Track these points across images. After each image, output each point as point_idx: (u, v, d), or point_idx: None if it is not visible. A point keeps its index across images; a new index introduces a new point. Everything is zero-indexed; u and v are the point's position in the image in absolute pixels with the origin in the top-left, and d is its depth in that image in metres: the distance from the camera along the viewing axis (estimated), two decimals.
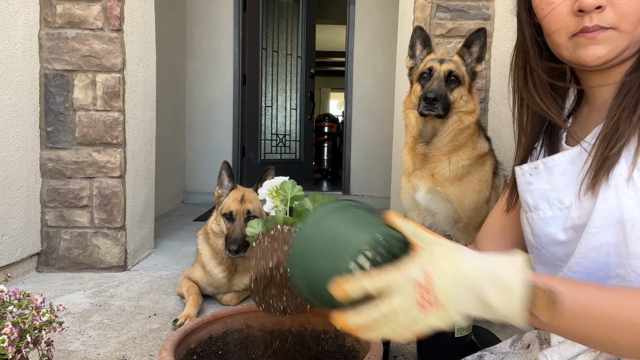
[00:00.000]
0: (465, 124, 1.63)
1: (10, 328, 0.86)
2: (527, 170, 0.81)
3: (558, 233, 0.77)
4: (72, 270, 2.27)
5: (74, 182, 2.26)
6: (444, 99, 1.60)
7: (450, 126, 1.64)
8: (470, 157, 1.65)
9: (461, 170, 1.64)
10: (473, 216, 1.63)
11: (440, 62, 1.67)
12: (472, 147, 1.66)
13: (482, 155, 1.68)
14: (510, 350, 0.89)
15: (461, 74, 1.64)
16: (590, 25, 0.68)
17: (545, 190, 0.78)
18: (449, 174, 1.65)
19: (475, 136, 1.68)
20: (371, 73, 4.79)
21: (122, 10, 2.24)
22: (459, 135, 1.65)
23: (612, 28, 0.68)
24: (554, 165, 0.77)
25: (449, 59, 1.69)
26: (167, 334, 1.57)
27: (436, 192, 1.67)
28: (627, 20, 0.67)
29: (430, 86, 1.61)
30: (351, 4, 4.76)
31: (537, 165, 0.79)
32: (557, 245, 0.78)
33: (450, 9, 2.24)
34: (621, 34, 0.68)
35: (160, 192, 3.41)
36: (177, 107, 4.37)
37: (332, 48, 9.78)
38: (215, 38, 4.71)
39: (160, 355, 0.83)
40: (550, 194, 0.77)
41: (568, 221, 0.75)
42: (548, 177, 0.78)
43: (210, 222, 1.91)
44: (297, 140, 5.54)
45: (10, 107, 2.03)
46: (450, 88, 1.62)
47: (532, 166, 0.80)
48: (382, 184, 4.67)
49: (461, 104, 1.63)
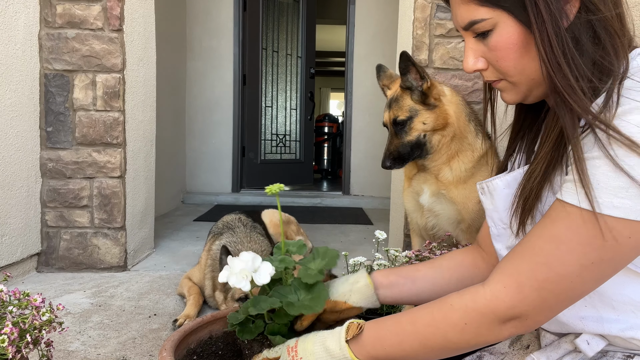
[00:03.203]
0: (450, 135, 1.62)
1: (10, 328, 0.86)
2: (479, 189, 0.86)
3: (502, 250, 0.82)
4: (72, 270, 2.27)
5: (74, 182, 2.26)
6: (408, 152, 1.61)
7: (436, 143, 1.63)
8: (472, 160, 1.64)
9: (464, 173, 1.64)
10: (476, 218, 1.63)
11: (388, 108, 1.65)
12: (471, 149, 1.65)
13: (482, 155, 1.67)
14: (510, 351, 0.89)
15: (407, 112, 1.60)
16: (485, 80, 0.79)
17: (490, 210, 0.83)
18: (453, 177, 1.65)
19: (471, 136, 1.66)
20: (371, 73, 4.76)
21: (122, 10, 2.24)
22: (450, 145, 1.63)
23: (502, 79, 0.74)
24: (493, 189, 0.81)
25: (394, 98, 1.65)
26: (167, 334, 1.57)
27: (440, 195, 1.67)
28: (509, 74, 0.72)
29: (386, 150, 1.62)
30: (351, 4, 4.76)
31: (483, 186, 0.84)
32: None
33: (450, 9, 2.24)
34: (514, 82, 0.73)
35: (160, 192, 3.41)
36: (177, 107, 4.37)
37: (332, 48, 9.77)
38: (215, 38, 4.71)
39: (160, 355, 0.83)
40: (494, 214, 0.82)
41: (510, 239, 0.79)
42: (491, 199, 0.82)
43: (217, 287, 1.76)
44: (297, 140, 5.54)
45: (10, 107, 2.03)
46: (404, 131, 1.61)
47: (481, 186, 0.85)
48: (382, 184, 4.67)
49: (430, 126, 1.61)
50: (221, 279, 0.84)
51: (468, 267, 0.96)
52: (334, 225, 3.61)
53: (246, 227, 2.03)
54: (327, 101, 13.53)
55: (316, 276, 0.89)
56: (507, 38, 0.69)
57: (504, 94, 0.77)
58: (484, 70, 0.75)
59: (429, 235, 1.77)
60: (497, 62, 0.72)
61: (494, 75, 0.75)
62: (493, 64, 0.73)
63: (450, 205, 1.66)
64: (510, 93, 0.75)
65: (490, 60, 0.73)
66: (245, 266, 0.81)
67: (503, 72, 0.73)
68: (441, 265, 0.97)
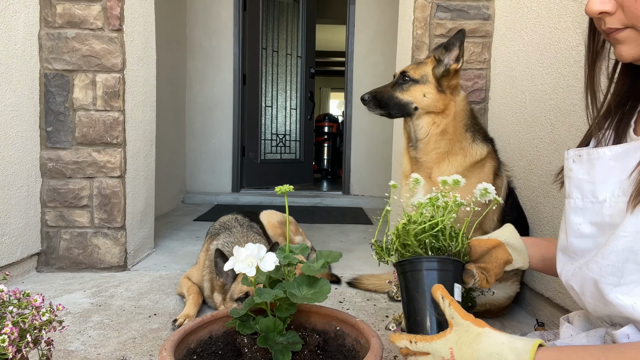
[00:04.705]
0: (442, 127, 1.60)
1: (11, 328, 0.86)
2: (572, 156, 0.79)
3: (584, 225, 0.77)
4: (72, 270, 2.27)
5: (74, 182, 2.26)
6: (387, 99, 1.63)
7: (428, 131, 1.62)
8: (463, 164, 1.60)
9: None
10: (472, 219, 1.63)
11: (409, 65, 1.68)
12: (463, 155, 1.62)
13: (478, 161, 1.65)
14: None
15: (419, 74, 1.61)
16: (605, 28, 0.69)
17: (582, 181, 0.77)
18: None
19: (467, 142, 1.63)
20: (371, 73, 4.79)
21: (122, 10, 2.24)
22: (440, 142, 1.61)
23: (628, 27, 0.67)
24: (597, 157, 0.75)
25: (420, 61, 1.68)
26: (167, 334, 1.57)
27: None
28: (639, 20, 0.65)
29: (376, 89, 1.66)
30: (351, 4, 4.76)
31: (581, 154, 0.78)
32: (578, 237, 0.78)
33: (450, 9, 2.24)
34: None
35: (160, 192, 3.41)
36: (177, 107, 4.37)
37: (332, 48, 9.78)
38: (215, 38, 4.71)
39: (160, 355, 0.83)
40: (585, 185, 0.76)
41: (598, 216, 0.74)
42: (588, 168, 0.76)
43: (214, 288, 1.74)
44: (297, 140, 5.54)
45: (10, 107, 2.03)
46: (402, 88, 1.63)
47: (577, 153, 0.79)
48: (382, 184, 4.68)
49: (427, 102, 1.60)
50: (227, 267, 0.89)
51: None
52: (334, 225, 3.61)
53: (243, 227, 2.03)
54: (327, 101, 13.53)
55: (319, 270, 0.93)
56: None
57: (622, 47, 0.69)
58: (609, 14, 0.67)
59: None
60: (634, 2, 0.64)
61: (619, 21, 0.67)
62: (627, 4, 0.65)
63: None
64: (632, 45, 0.68)
65: (623, 2, 0.66)
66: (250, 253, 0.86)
67: (634, 17, 0.65)
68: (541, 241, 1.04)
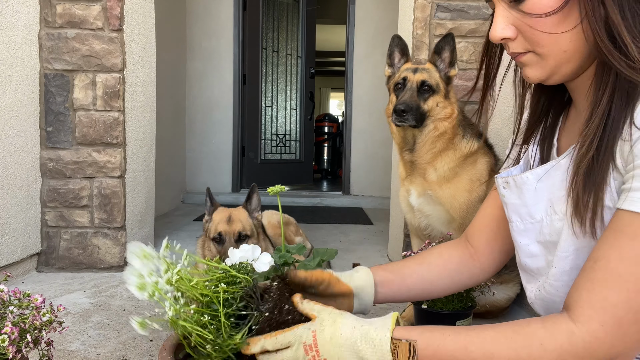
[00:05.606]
0: (441, 131, 1.64)
1: (11, 328, 0.86)
2: (501, 183, 0.82)
3: (531, 245, 0.78)
4: (72, 270, 2.27)
5: (74, 182, 2.26)
6: (416, 110, 1.61)
7: (427, 134, 1.65)
8: (454, 159, 1.66)
9: (448, 172, 1.66)
10: (466, 216, 1.64)
11: (414, 71, 1.67)
12: (453, 149, 1.67)
13: (468, 155, 1.68)
14: None
15: (435, 82, 1.65)
16: (509, 52, 0.72)
17: (516, 205, 0.79)
18: (437, 177, 1.67)
19: (457, 138, 1.68)
20: (371, 73, 4.79)
21: (122, 10, 2.24)
22: (436, 142, 1.66)
23: (530, 52, 0.69)
24: (522, 183, 0.77)
25: (423, 67, 1.69)
26: (167, 334, 1.57)
27: (427, 195, 1.70)
28: (540, 43, 0.67)
29: (402, 98, 1.63)
30: (351, 4, 4.76)
31: (508, 181, 0.80)
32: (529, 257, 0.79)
33: (450, 9, 2.24)
34: (543, 54, 0.68)
35: (160, 192, 3.41)
36: (177, 107, 4.37)
37: (332, 48, 9.77)
38: (215, 38, 4.71)
39: (160, 355, 0.83)
40: (521, 209, 0.78)
41: (540, 235, 0.76)
42: (518, 194, 0.78)
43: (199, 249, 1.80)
44: (297, 140, 5.54)
45: (10, 107, 2.03)
46: (424, 97, 1.64)
47: (505, 180, 0.81)
48: (382, 184, 4.67)
49: (437, 111, 1.64)
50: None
51: (457, 263, 0.95)
52: (333, 225, 3.61)
53: None
54: (327, 101, 13.53)
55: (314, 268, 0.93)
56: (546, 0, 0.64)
57: (528, 70, 0.71)
58: (511, 40, 0.70)
59: (424, 235, 1.78)
60: (529, 29, 0.66)
61: (521, 46, 0.69)
62: (525, 31, 0.67)
63: (437, 205, 1.68)
64: (535, 68, 0.70)
65: (521, 28, 0.68)
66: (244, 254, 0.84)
67: (534, 42, 0.67)
68: (430, 263, 0.96)
